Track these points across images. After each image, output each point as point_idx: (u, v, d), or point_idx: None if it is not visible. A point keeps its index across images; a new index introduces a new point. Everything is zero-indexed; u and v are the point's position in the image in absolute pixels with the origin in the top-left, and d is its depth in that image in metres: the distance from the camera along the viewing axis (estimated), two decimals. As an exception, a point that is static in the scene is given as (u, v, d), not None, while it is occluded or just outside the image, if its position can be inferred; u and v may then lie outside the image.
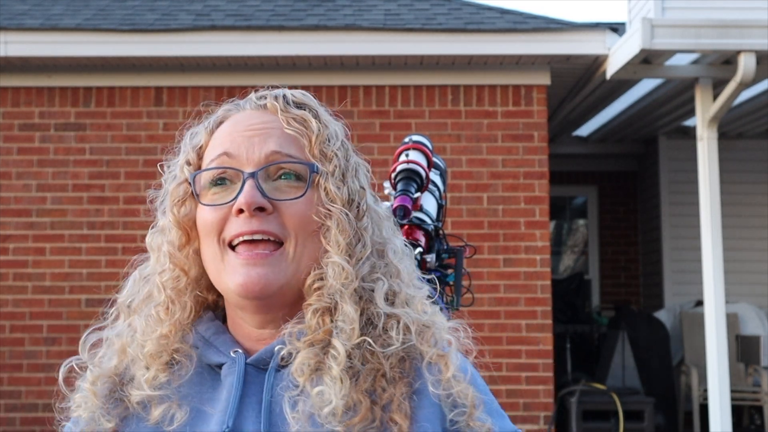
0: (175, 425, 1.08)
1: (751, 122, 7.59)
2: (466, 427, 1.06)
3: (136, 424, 1.11)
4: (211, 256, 1.11)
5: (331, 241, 1.09)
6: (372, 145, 5.93)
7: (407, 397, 1.05)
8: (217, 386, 1.11)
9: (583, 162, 9.21)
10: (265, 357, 1.10)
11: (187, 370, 1.12)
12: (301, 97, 1.18)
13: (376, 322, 1.08)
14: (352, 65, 6.08)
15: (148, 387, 1.10)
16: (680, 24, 5.33)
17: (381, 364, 1.06)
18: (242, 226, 1.08)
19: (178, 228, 1.14)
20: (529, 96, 6.06)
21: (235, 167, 1.11)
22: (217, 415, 1.08)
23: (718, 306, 5.46)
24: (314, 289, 1.09)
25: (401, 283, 1.13)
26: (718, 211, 5.55)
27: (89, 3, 6.57)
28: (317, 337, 1.07)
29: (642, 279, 9.07)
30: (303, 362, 1.06)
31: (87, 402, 1.12)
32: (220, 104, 1.22)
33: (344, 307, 1.07)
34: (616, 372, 6.63)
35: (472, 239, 5.34)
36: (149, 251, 1.19)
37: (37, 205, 6.00)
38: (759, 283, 7.91)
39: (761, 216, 8.02)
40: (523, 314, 5.88)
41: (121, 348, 1.15)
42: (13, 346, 5.88)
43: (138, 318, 1.15)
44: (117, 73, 6.09)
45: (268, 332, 1.13)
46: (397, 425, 1.03)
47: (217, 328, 1.16)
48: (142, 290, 1.18)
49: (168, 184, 1.17)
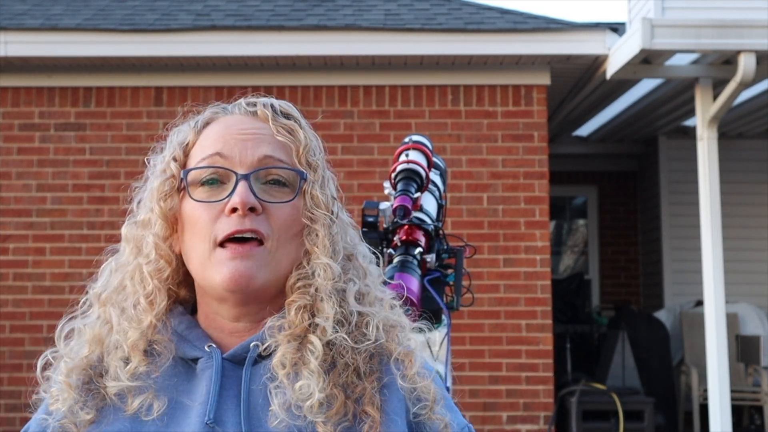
0: (153, 415, 1.10)
1: (751, 122, 7.59)
2: (428, 420, 1.13)
3: (114, 415, 1.12)
4: (197, 252, 1.15)
5: (318, 244, 1.16)
6: (372, 145, 5.94)
7: (377, 390, 1.11)
8: (191, 379, 1.14)
9: (583, 162, 9.22)
10: (240, 353, 1.14)
11: (165, 360, 1.14)
12: (287, 108, 1.23)
13: (350, 320, 1.14)
14: (352, 65, 6.08)
15: (127, 377, 1.12)
16: (680, 24, 5.33)
17: (354, 360, 1.12)
18: (235, 225, 1.12)
19: (164, 221, 1.17)
20: (529, 96, 6.06)
21: (227, 167, 1.15)
22: (197, 408, 1.10)
23: (718, 306, 5.46)
24: (297, 287, 1.15)
25: (369, 285, 1.20)
26: (718, 211, 5.55)
27: (89, 3, 6.58)
28: (296, 332, 1.12)
29: (642, 279, 9.07)
30: (284, 355, 1.10)
31: (63, 394, 1.13)
32: (205, 106, 1.26)
33: (324, 305, 1.13)
34: (616, 372, 6.63)
35: (472, 239, 5.34)
36: (123, 242, 1.22)
37: (37, 205, 6.00)
38: (759, 283, 7.91)
39: (761, 216, 8.02)
40: (523, 314, 5.88)
41: (93, 338, 1.17)
42: (13, 346, 5.88)
43: (112, 309, 1.18)
44: (117, 73, 6.09)
45: (242, 325, 1.17)
46: (370, 417, 1.09)
47: (189, 322, 1.19)
48: (114, 281, 1.20)
49: (153, 179, 1.21)
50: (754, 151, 8.14)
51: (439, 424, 1.14)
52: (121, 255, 1.22)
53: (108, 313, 1.18)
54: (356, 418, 1.09)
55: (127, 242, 1.21)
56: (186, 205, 1.17)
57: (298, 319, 1.12)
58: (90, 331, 1.18)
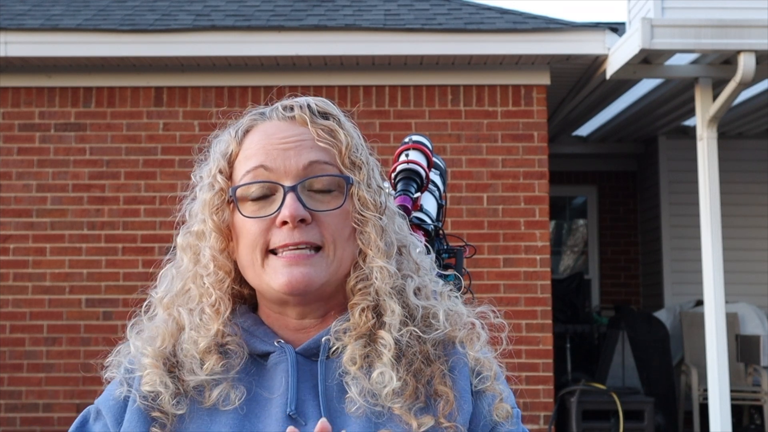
0: (233, 405, 1.13)
1: (751, 122, 7.59)
2: (488, 390, 1.21)
3: (190, 407, 1.15)
4: (251, 261, 1.18)
5: (371, 245, 1.19)
6: (372, 145, 5.93)
7: (447, 371, 1.18)
8: (263, 373, 1.18)
9: (583, 162, 9.21)
10: (312, 347, 1.18)
11: (240, 357, 1.17)
12: (324, 106, 1.23)
13: (415, 314, 1.19)
14: (352, 65, 6.08)
15: (204, 374, 1.15)
16: (680, 24, 5.34)
17: (422, 348, 1.17)
18: (287, 238, 1.15)
19: (219, 233, 1.19)
20: (529, 96, 6.06)
21: (273, 180, 1.17)
22: (276, 399, 1.14)
23: (718, 306, 5.46)
24: (358, 289, 1.19)
25: (423, 278, 1.25)
26: (718, 211, 5.55)
27: (89, 3, 6.58)
28: (361, 331, 1.16)
29: (642, 279, 9.07)
30: (353, 353, 1.15)
31: (152, 376, 1.16)
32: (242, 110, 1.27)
33: (389, 303, 1.17)
34: (616, 372, 6.63)
35: (472, 239, 5.34)
36: (179, 250, 1.24)
37: (37, 205, 6.00)
38: (759, 283, 7.91)
39: (761, 216, 8.02)
40: (523, 314, 5.88)
41: (165, 333, 1.19)
42: (14, 346, 5.88)
43: (181, 309, 1.20)
44: (117, 73, 6.09)
45: (307, 322, 1.21)
46: (443, 397, 1.15)
47: (254, 319, 1.22)
48: (176, 285, 1.23)
49: (203, 192, 1.22)
50: (754, 151, 8.14)
51: (497, 396, 1.21)
52: (180, 263, 1.24)
53: (177, 312, 1.21)
54: (429, 399, 1.14)
55: (184, 251, 1.24)
56: (237, 219, 1.19)
57: (363, 320, 1.17)
58: (162, 327, 1.20)
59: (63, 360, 5.82)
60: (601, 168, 9.26)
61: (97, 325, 5.85)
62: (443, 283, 1.28)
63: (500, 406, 1.20)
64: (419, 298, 1.21)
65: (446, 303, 1.24)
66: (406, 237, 1.26)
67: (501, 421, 1.20)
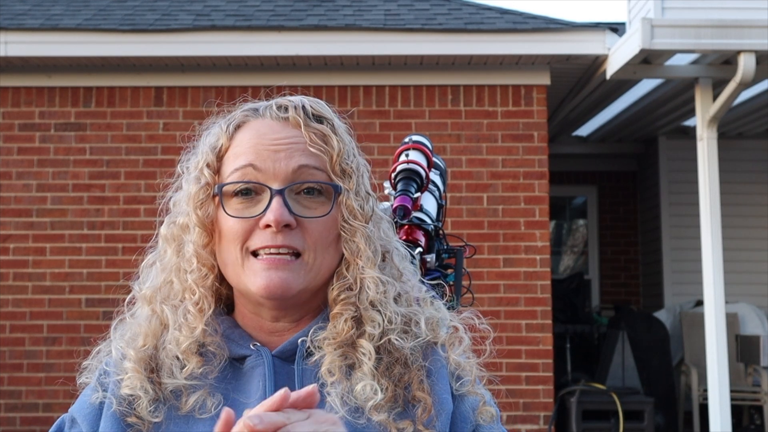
0: (209, 413, 1.12)
1: (751, 122, 7.59)
2: (468, 394, 1.19)
3: (167, 414, 1.14)
4: (232, 260, 1.16)
5: (361, 255, 1.17)
6: (372, 145, 5.94)
7: (425, 376, 1.16)
8: (239, 377, 1.16)
9: (583, 162, 9.21)
10: (288, 348, 1.17)
11: (220, 360, 1.16)
12: (319, 109, 1.21)
13: (395, 321, 1.17)
14: (352, 65, 6.08)
15: (183, 377, 1.14)
16: (680, 24, 5.34)
17: (401, 355, 1.16)
18: (269, 240, 1.13)
19: (202, 228, 1.17)
20: (529, 96, 6.06)
21: (261, 182, 1.15)
22: (253, 404, 1.11)
23: (718, 306, 5.46)
24: (341, 299, 1.17)
25: (405, 284, 1.23)
26: (718, 211, 5.55)
27: (89, 3, 6.58)
28: (342, 340, 1.15)
29: (642, 279, 9.07)
30: (332, 362, 1.13)
31: (131, 381, 1.15)
32: (232, 105, 1.25)
33: (372, 314, 1.16)
34: (616, 372, 6.63)
35: (472, 239, 5.34)
36: (163, 241, 1.22)
37: (37, 205, 6.00)
38: (759, 283, 7.91)
39: (761, 216, 8.02)
40: (523, 314, 5.88)
41: (148, 332, 1.18)
42: (13, 346, 5.88)
43: (164, 306, 1.19)
44: (117, 73, 6.09)
45: (281, 325, 1.19)
46: (421, 402, 1.13)
47: (230, 322, 1.21)
48: (158, 279, 1.21)
49: (189, 184, 1.20)
50: (753, 151, 8.14)
51: (479, 399, 1.20)
52: (164, 255, 1.22)
53: (160, 309, 1.19)
54: (407, 404, 1.13)
55: (167, 243, 1.22)
56: (221, 216, 1.17)
57: (345, 329, 1.15)
58: (145, 325, 1.19)
59: (63, 360, 5.82)
60: (601, 168, 9.26)
61: (97, 325, 5.85)
62: (426, 289, 1.27)
63: (484, 410, 1.19)
64: (400, 305, 1.19)
65: (428, 310, 1.22)
66: (390, 242, 1.24)
67: (484, 424, 1.19)
